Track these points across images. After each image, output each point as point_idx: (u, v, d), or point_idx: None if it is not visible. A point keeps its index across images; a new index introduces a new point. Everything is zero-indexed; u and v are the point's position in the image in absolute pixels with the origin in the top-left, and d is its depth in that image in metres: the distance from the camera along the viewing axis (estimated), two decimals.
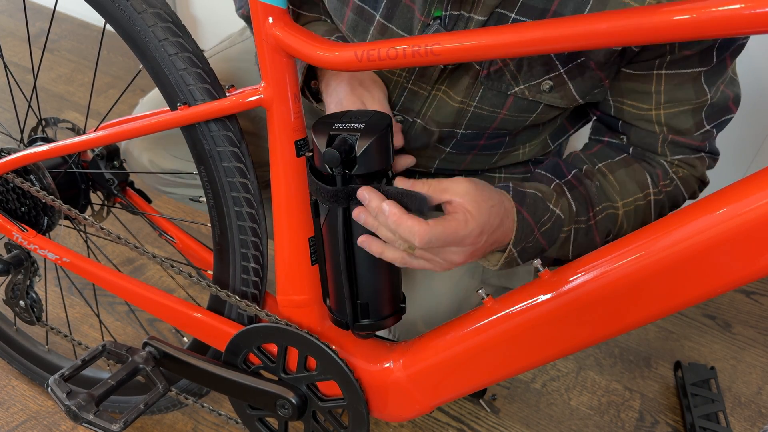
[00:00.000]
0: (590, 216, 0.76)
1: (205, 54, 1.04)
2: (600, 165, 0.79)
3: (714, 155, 0.81)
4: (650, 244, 0.60)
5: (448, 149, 0.87)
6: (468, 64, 0.76)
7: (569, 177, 0.77)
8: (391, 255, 0.67)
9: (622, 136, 0.81)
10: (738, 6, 0.47)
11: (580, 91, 0.76)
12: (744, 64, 1.45)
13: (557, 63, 0.73)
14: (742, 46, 0.73)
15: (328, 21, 0.86)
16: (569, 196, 0.75)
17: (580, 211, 0.75)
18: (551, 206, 0.73)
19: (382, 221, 0.64)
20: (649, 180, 0.77)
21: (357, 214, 0.66)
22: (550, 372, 1.36)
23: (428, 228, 0.62)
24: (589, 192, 0.76)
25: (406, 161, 0.75)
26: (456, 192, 0.65)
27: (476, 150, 0.87)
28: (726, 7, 0.48)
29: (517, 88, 0.76)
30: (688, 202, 0.67)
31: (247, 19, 0.87)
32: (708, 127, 0.76)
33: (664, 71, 0.72)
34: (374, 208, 0.64)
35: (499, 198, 0.69)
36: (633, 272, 0.61)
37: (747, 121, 1.53)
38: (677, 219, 0.59)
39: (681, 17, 0.50)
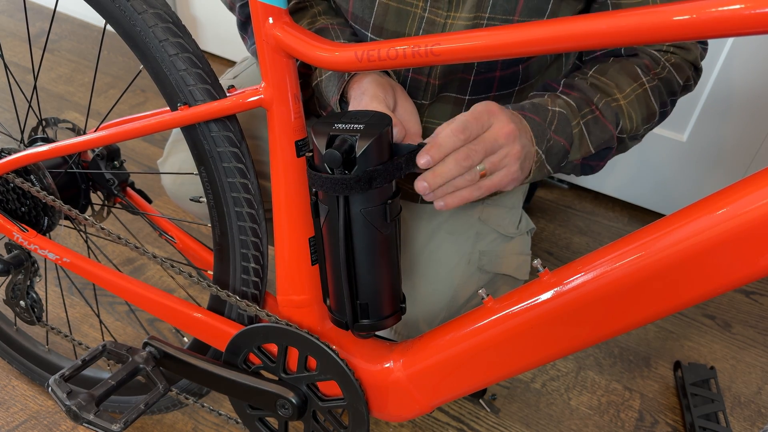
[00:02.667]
0: (593, 107, 0.79)
1: (236, 68, 1.05)
2: (591, 73, 0.83)
3: (703, 43, 0.88)
4: (650, 245, 0.60)
5: (467, 97, 0.88)
6: None
7: (560, 87, 0.82)
8: (468, 193, 0.70)
9: None
10: (738, 6, 0.47)
11: None
12: (744, 65, 1.46)
13: None
14: None
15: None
16: (564, 97, 0.79)
17: (581, 105, 0.79)
18: (549, 107, 0.77)
19: (439, 153, 0.67)
20: (639, 71, 0.82)
21: (420, 159, 0.68)
22: (550, 372, 1.36)
23: (455, 118, 0.67)
24: (583, 91, 0.80)
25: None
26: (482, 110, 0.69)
27: (494, 89, 0.88)
28: (726, 8, 0.48)
29: None
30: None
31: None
32: None
33: None
34: (432, 151, 0.67)
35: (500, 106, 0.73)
36: (633, 272, 0.61)
37: (747, 121, 1.53)
38: (677, 219, 0.59)
39: (681, 17, 0.50)
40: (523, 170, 0.73)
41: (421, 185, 0.68)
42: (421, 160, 0.66)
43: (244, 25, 0.91)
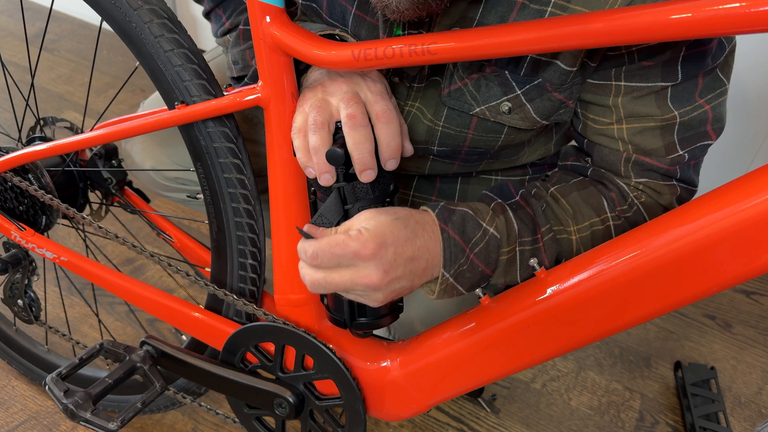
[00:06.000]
0: (537, 237, 0.71)
1: (207, 55, 1.05)
2: (552, 189, 0.75)
3: (689, 186, 0.76)
4: (649, 242, 0.60)
5: (429, 163, 0.86)
6: (435, 82, 0.76)
7: (516, 198, 0.73)
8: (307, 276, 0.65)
9: (587, 158, 0.78)
10: (736, 5, 0.47)
11: (541, 113, 0.73)
12: (744, 64, 1.45)
13: (514, 84, 0.72)
14: (719, 80, 0.69)
15: None
16: (511, 215, 0.70)
17: (523, 231, 0.70)
18: (484, 224, 0.68)
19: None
20: (605, 203, 0.73)
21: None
22: (550, 372, 1.36)
23: (313, 241, 0.62)
24: (535, 212, 0.72)
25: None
26: (359, 222, 0.64)
27: (458, 163, 0.86)
28: (724, 6, 0.48)
29: (477, 109, 0.74)
30: None
31: (227, 33, 0.86)
32: (681, 152, 0.71)
33: (623, 82, 0.69)
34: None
35: (408, 211, 0.66)
36: (631, 270, 0.61)
37: (747, 121, 1.53)
38: (675, 217, 0.59)
39: (678, 16, 0.50)
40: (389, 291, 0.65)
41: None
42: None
43: (208, 14, 0.89)
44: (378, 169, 0.66)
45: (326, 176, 0.66)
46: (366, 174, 0.65)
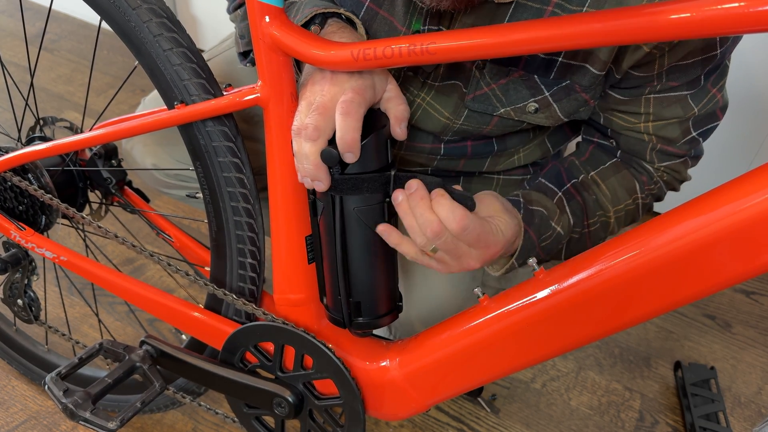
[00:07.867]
0: (585, 225, 0.80)
1: (206, 54, 1.05)
2: (593, 173, 0.83)
3: (697, 157, 0.86)
4: (648, 242, 0.60)
5: (438, 156, 0.87)
6: (455, 85, 0.77)
7: (568, 186, 0.81)
8: (407, 249, 0.68)
9: (611, 140, 0.85)
10: (736, 4, 0.47)
11: (565, 111, 0.78)
12: (744, 64, 1.45)
13: (542, 87, 0.75)
14: (726, 68, 0.77)
15: None
16: (568, 209, 0.79)
17: (576, 222, 0.79)
18: (553, 224, 0.77)
19: (416, 205, 0.64)
20: (637, 186, 0.82)
21: (396, 194, 0.66)
22: (550, 372, 1.36)
23: (469, 216, 0.64)
24: (586, 203, 0.80)
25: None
26: (493, 211, 0.70)
27: (466, 156, 0.88)
28: (723, 6, 0.48)
29: (502, 110, 0.77)
30: None
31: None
32: (694, 134, 0.79)
33: (652, 96, 0.76)
34: (417, 191, 0.64)
35: (517, 218, 0.73)
36: (631, 269, 0.61)
37: (747, 121, 1.52)
38: (675, 217, 0.58)
39: (678, 16, 0.50)
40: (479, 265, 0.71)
41: (396, 193, 0.67)
42: (398, 198, 0.66)
43: None
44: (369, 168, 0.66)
45: (306, 180, 0.67)
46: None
